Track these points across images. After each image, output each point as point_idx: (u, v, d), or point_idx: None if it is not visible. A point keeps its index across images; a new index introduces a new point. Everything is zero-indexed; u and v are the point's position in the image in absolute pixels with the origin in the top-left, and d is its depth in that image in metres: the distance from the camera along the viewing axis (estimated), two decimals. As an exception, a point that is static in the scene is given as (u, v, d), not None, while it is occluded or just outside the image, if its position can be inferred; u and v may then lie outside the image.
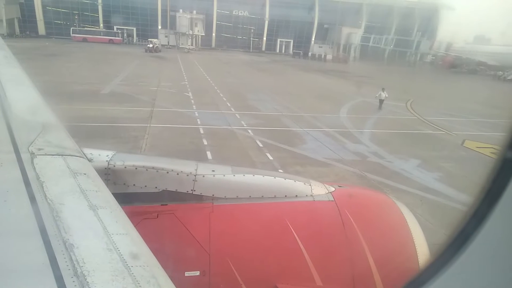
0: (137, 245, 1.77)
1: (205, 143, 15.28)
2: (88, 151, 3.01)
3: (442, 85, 48.09)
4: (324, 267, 2.94)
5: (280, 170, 12.64)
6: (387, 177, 12.70)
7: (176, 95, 25.70)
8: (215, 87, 30.47)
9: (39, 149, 2.54)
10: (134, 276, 1.48)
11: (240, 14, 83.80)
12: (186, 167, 3.16)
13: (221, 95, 26.91)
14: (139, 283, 1.44)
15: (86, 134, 15.34)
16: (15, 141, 2.64)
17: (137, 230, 1.96)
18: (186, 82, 31.80)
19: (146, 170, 3.03)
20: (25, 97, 4.12)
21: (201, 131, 16.97)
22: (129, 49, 66.15)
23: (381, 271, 2.93)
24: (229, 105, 23.66)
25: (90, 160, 2.89)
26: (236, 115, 20.97)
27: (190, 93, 26.74)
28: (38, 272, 1.42)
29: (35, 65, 36.57)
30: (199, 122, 18.57)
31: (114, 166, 3.01)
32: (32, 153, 2.45)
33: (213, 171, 3.19)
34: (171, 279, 1.64)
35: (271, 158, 13.92)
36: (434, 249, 1.39)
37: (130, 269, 1.51)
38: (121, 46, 71.08)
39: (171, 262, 2.43)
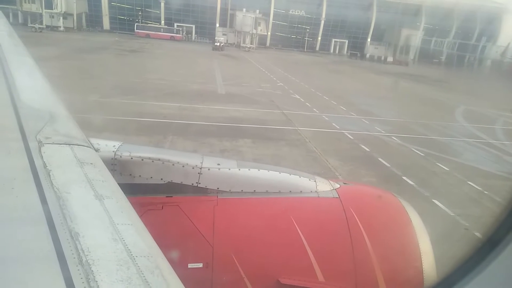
0: (141, 235, 1.77)
1: (366, 149, 15.62)
2: (95, 141, 3.04)
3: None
4: (326, 263, 2.94)
5: (475, 185, 12.79)
6: None
7: (287, 98, 26.25)
8: (312, 89, 30.85)
9: (47, 138, 2.53)
10: (138, 266, 1.48)
11: (296, 13, 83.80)
12: (191, 159, 3.18)
13: (326, 98, 27.24)
14: (143, 273, 1.45)
15: (254, 136, 16.10)
16: (23, 130, 2.64)
17: (142, 221, 1.97)
18: (281, 84, 32.38)
19: (152, 161, 3.05)
20: (33, 85, 4.17)
21: (350, 136, 17.35)
22: (193, 46, 67.89)
23: (383, 268, 2.92)
24: (344, 109, 23.97)
25: (97, 150, 2.92)
26: (363, 120, 21.23)
27: (296, 95, 27.24)
28: (43, 260, 1.43)
29: (129, 61, 38.43)
30: (337, 127, 18.98)
31: (121, 156, 3.03)
32: (39, 142, 2.45)
33: (218, 164, 3.21)
34: (174, 271, 1.66)
35: (446, 168, 14.08)
36: (464, 253, 1.39)
37: (134, 259, 1.52)
38: (183, 43, 72.91)
39: (174, 253, 2.49)
